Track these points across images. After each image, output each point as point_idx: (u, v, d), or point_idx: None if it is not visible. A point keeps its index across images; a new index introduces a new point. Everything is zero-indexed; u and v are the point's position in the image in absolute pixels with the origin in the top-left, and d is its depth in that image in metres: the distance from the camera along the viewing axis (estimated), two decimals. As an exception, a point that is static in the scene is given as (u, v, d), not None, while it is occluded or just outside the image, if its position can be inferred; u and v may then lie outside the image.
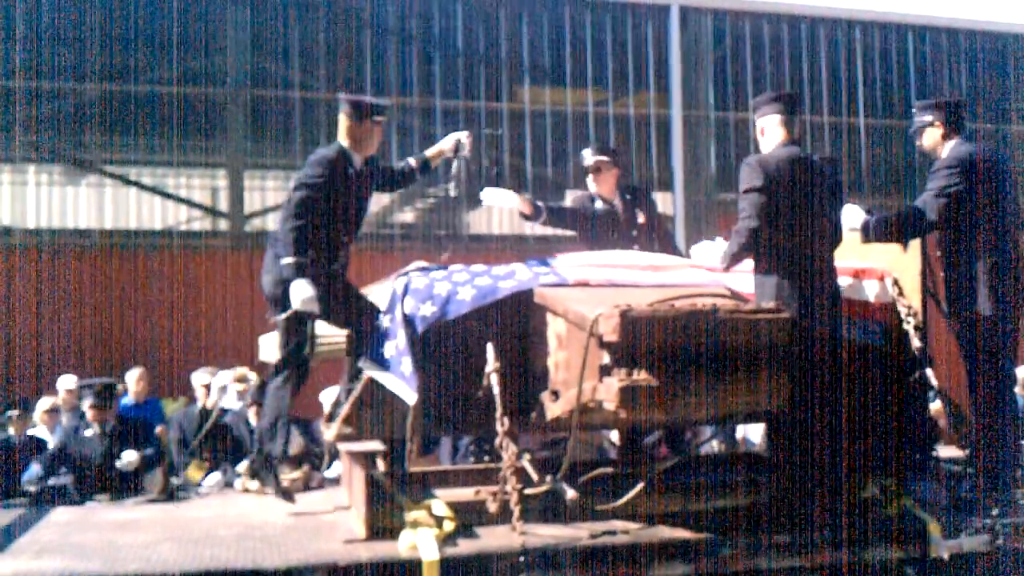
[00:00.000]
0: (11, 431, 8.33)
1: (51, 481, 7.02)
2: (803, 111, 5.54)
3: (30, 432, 8.49)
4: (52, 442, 8.54)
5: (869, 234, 5.69)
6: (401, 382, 5.13)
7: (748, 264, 5.34)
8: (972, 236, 5.59)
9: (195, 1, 13.01)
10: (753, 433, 8.64)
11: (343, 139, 5.73)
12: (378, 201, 14.42)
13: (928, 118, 5.83)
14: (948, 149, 5.75)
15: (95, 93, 12.79)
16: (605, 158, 7.21)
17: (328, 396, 7.98)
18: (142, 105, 12.83)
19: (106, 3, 12.70)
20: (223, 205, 13.54)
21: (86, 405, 7.56)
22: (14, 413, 8.45)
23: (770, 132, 5.45)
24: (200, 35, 13.10)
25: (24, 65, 12.49)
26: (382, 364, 5.24)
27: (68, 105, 12.81)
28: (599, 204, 7.16)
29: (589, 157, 7.23)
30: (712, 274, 5.69)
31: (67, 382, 9.59)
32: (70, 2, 12.61)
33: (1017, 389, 6.86)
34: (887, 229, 5.69)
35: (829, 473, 5.17)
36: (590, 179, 7.22)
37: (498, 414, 4.95)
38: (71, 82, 12.74)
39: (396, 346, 5.20)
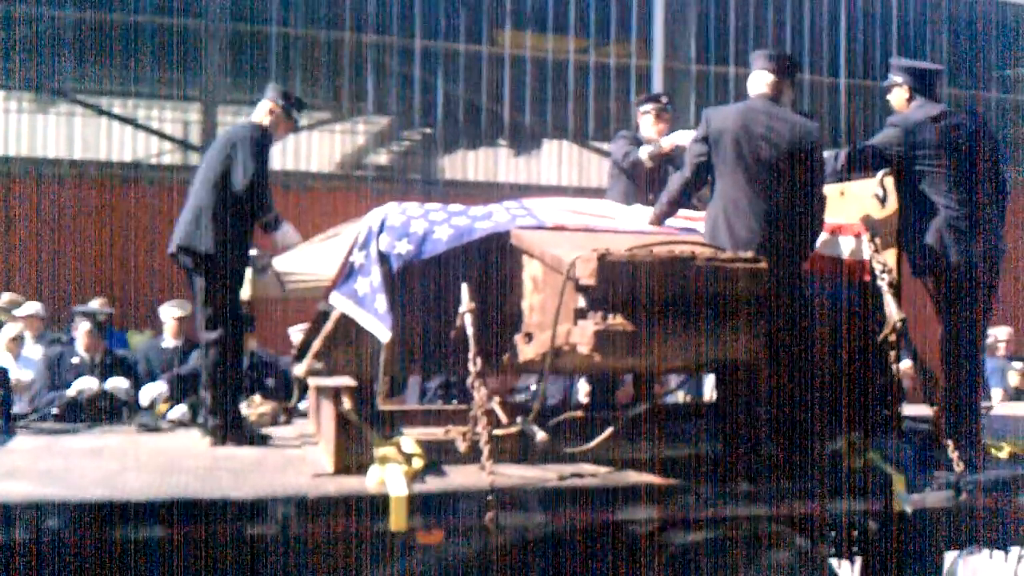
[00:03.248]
0: (-31, 359, 8.22)
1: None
2: (798, 73, 5.57)
3: (-5, 361, 8.37)
4: (16, 371, 8.47)
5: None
6: (375, 319, 5.10)
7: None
8: (927, 195, 5.65)
9: (174, -71, 12.77)
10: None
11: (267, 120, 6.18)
12: (353, 142, 14.34)
13: (898, 79, 5.95)
14: (910, 110, 5.85)
15: (69, 19, 12.55)
16: (670, 108, 7.46)
17: (297, 332, 7.96)
18: (117, 34, 12.60)
19: (83, -73, 12.44)
20: (195, 139, 13.38)
21: (81, 332, 7.50)
22: None
23: (753, 86, 5.49)
24: (179, -36, 12.89)
25: (-4, -12, 12.24)
26: (356, 300, 5.21)
27: (42, 31, 12.57)
28: (650, 164, 7.22)
29: (657, 101, 7.45)
30: (691, 223, 5.69)
31: (31, 308, 9.47)
32: (45, -75, 12.35)
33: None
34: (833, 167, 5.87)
35: (792, 425, 5.20)
36: (648, 122, 7.36)
37: (471, 354, 4.94)
38: (45, 7, 12.49)
39: (371, 283, 5.17)
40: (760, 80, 5.47)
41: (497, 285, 5.30)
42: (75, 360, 7.38)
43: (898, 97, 5.95)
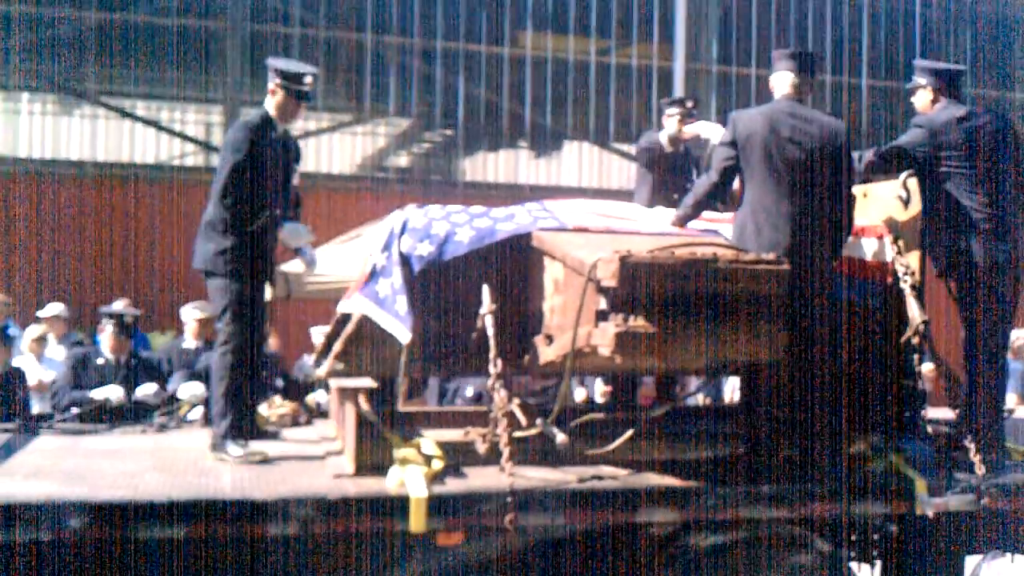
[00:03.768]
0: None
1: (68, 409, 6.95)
2: (819, 70, 5.52)
3: (15, 362, 8.37)
4: (39, 371, 8.52)
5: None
6: (396, 320, 5.10)
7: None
8: (951, 195, 5.61)
9: (196, -68, 12.84)
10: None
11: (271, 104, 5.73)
12: (374, 144, 14.37)
13: (922, 81, 5.90)
14: (935, 112, 5.81)
15: (93, 22, 12.63)
16: (696, 112, 7.61)
17: (319, 332, 7.98)
18: (140, 36, 12.69)
19: (106, -70, 12.52)
20: (218, 141, 13.44)
21: (107, 334, 7.51)
22: None
23: (777, 87, 5.48)
24: (201, -34, 12.96)
25: (21, -9, 12.34)
26: (377, 302, 5.21)
27: (65, 33, 12.65)
28: (668, 148, 7.51)
29: (683, 105, 7.61)
30: (712, 224, 5.67)
31: (54, 309, 9.53)
32: (70, -72, 12.44)
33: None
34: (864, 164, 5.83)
35: (817, 427, 5.18)
36: (672, 124, 7.54)
37: (491, 356, 4.93)
38: (69, 9, 12.58)
39: (392, 284, 5.16)
40: (783, 81, 5.46)
41: (518, 287, 5.29)
42: (100, 361, 7.39)
43: (922, 99, 5.91)
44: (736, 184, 5.49)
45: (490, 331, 4.99)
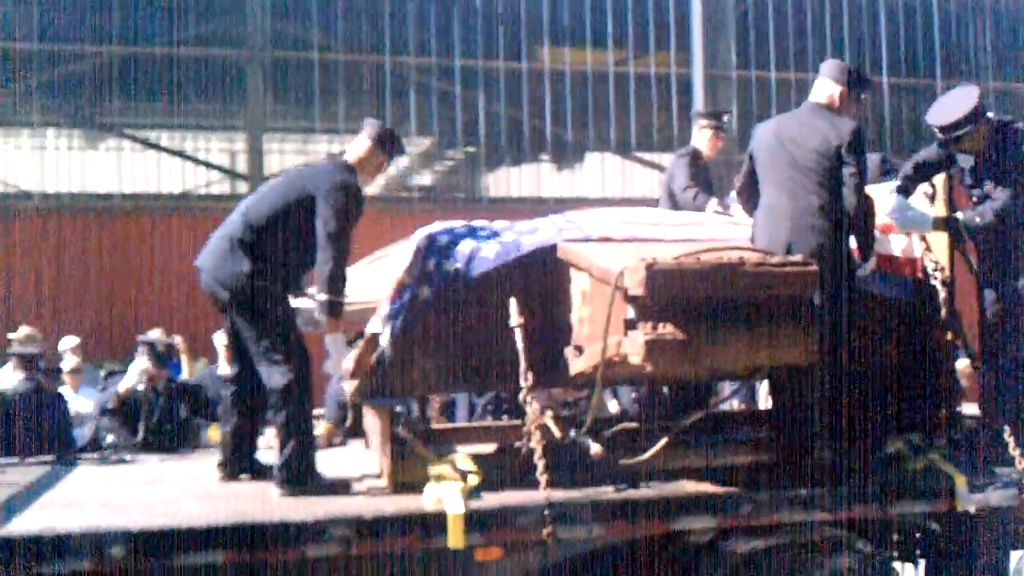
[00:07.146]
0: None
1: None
2: (867, 91, 5.40)
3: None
4: (78, 402, 8.59)
5: (960, 229, 5.63)
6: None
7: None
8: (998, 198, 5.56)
9: (213, -37, 12.98)
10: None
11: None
12: (396, 164, 14.42)
13: (969, 128, 5.55)
14: (1002, 139, 5.63)
15: (114, 56, 12.78)
16: (729, 127, 7.83)
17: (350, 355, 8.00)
18: (161, 68, 12.82)
19: (125, -35, 12.67)
20: (241, 168, 13.54)
21: (142, 363, 7.61)
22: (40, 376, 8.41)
23: (814, 92, 5.49)
24: (219, -3, 13.10)
25: (42, 28, 12.47)
26: (404, 320, 5.20)
27: (87, 68, 12.79)
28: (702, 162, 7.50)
29: (719, 119, 7.63)
30: (737, 228, 5.66)
31: (70, 342, 9.63)
32: (88, -36, 12.59)
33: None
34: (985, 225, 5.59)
35: (850, 428, 5.15)
36: (708, 138, 7.52)
37: (522, 369, 4.93)
38: (90, 45, 12.72)
39: (415, 303, 5.18)
40: (821, 88, 5.42)
41: (546, 299, 5.30)
42: (140, 387, 7.51)
43: (979, 139, 5.62)
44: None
45: (519, 344, 5.00)
